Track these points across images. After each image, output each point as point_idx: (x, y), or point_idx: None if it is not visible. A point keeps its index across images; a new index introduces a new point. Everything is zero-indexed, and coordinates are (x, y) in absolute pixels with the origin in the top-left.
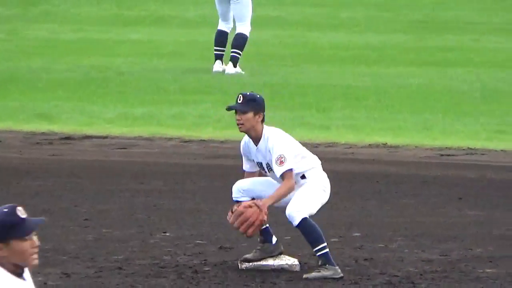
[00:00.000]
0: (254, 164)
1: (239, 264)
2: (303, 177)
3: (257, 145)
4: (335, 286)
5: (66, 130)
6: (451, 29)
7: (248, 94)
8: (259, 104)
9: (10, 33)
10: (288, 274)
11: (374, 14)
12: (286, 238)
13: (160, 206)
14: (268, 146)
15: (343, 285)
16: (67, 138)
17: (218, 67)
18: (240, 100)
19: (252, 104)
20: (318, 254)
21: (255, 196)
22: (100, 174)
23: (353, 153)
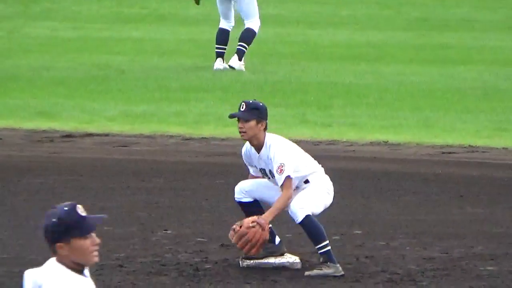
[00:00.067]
0: (257, 169)
1: (240, 262)
2: (307, 181)
3: (259, 152)
4: (336, 284)
5: (67, 127)
6: (452, 26)
7: (251, 102)
8: (262, 112)
9: (10, 31)
10: (289, 272)
11: (374, 11)
12: (288, 235)
13: (161, 203)
14: (269, 154)
15: (345, 282)
16: (68, 136)
17: (219, 65)
18: (243, 108)
19: (255, 112)
20: (320, 251)
21: (257, 197)
22: (101, 171)
23: (354, 150)
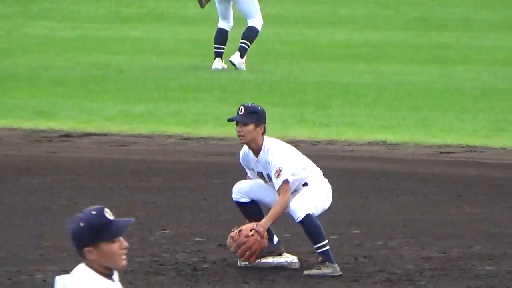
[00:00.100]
0: (255, 172)
1: (239, 261)
2: (305, 184)
3: (257, 156)
4: (335, 284)
5: (65, 127)
6: (451, 26)
7: (249, 105)
8: (261, 116)
9: (9, 30)
10: (287, 271)
11: (373, 11)
12: (286, 235)
13: (159, 203)
14: (267, 158)
15: (343, 282)
16: (67, 136)
17: (217, 65)
18: (241, 111)
19: (253, 116)
20: (319, 251)
21: (255, 198)
22: (99, 171)
23: (352, 150)
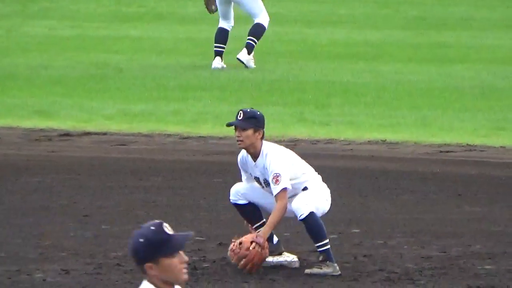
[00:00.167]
0: (252, 177)
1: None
2: (305, 189)
3: (255, 161)
4: (334, 283)
5: (65, 126)
6: (450, 25)
7: (248, 110)
8: (259, 121)
9: (9, 29)
10: (287, 270)
11: (372, 10)
12: (285, 234)
13: (159, 202)
14: (265, 163)
15: (342, 281)
16: (66, 135)
17: (217, 64)
18: (240, 116)
19: (252, 121)
20: (320, 250)
21: (252, 201)
22: (99, 170)
23: (352, 149)
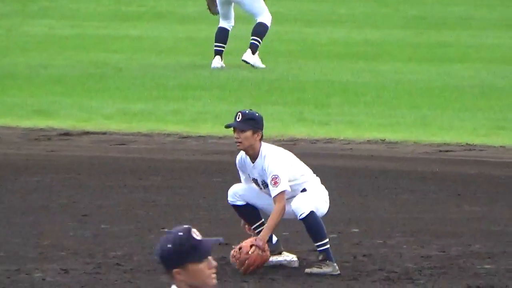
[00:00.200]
0: (249, 178)
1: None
2: (304, 190)
3: (253, 162)
4: (334, 282)
5: (64, 126)
6: (450, 24)
7: (247, 112)
8: (258, 122)
9: (8, 29)
10: (286, 270)
11: (372, 9)
12: (285, 234)
13: (158, 202)
14: (264, 165)
15: (342, 281)
16: (66, 134)
17: (217, 63)
18: (239, 118)
19: (251, 122)
20: (319, 249)
21: (250, 201)
22: (98, 170)
23: (351, 149)
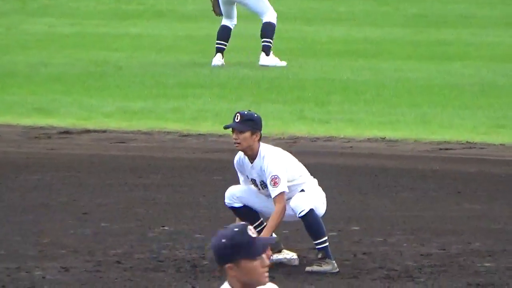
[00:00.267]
0: (248, 179)
1: None
2: (302, 191)
3: (252, 163)
4: (334, 280)
5: (64, 124)
6: (450, 23)
7: (246, 113)
8: (257, 123)
9: (8, 27)
10: (287, 268)
11: (372, 8)
12: (285, 232)
13: (158, 200)
14: (263, 165)
15: (342, 279)
16: (66, 132)
17: (217, 61)
18: (237, 119)
19: (249, 123)
20: (318, 247)
21: (247, 203)
22: (98, 168)
23: (351, 147)
